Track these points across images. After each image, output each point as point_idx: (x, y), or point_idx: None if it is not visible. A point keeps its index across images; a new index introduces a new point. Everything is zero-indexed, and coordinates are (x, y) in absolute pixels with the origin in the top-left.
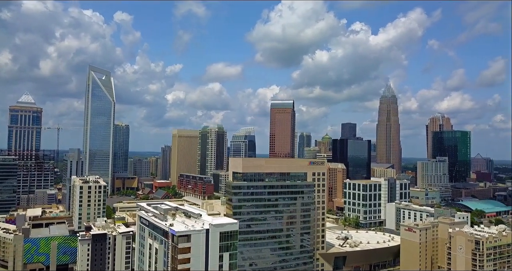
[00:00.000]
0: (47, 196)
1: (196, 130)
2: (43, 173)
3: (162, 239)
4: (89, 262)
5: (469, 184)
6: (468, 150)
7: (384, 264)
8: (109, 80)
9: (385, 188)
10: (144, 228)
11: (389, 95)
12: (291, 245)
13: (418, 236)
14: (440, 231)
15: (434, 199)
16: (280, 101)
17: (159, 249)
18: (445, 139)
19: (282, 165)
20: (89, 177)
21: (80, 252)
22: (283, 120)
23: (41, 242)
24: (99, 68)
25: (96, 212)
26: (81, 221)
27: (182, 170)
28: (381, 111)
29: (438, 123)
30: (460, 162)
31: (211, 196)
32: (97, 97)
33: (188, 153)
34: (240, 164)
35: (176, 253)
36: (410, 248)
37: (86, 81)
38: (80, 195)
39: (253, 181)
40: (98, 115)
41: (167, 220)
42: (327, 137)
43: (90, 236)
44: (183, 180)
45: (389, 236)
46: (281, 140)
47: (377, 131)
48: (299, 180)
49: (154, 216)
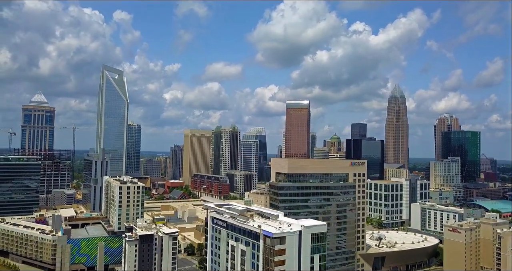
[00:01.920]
0: (66, 196)
1: (209, 130)
2: (60, 173)
3: (248, 240)
4: (136, 263)
5: (480, 184)
6: (478, 150)
7: (420, 264)
8: (121, 79)
9: (407, 188)
10: (218, 229)
11: (398, 96)
12: (333, 245)
13: (464, 237)
14: (482, 231)
15: (447, 199)
16: (295, 101)
17: (247, 251)
18: (455, 139)
19: (325, 166)
20: (124, 177)
21: (128, 253)
22: (299, 120)
23: (82, 243)
24: (112, 67)
25: (135, 212)
26: (120, 222)
27: (194, 170)
28: (390, 111)
29: (447, 123)
30: (470, 162)
31: (227, 195)
32: (111, 97)
33: (201, 153)
34: (285, 165)
35: (272, 255)
36: (455, 248)
37: (100, 81)
38: (119, 195)
39: (297, 182)
40: (112, 115)
41: (250, 222)
42: (335, 137)
43: (137, 236)
44: (197, 180)
45: (421, 236)
46: (297, 140)
47: (385, 131)
48: (341, 181)
49: (231, 217)
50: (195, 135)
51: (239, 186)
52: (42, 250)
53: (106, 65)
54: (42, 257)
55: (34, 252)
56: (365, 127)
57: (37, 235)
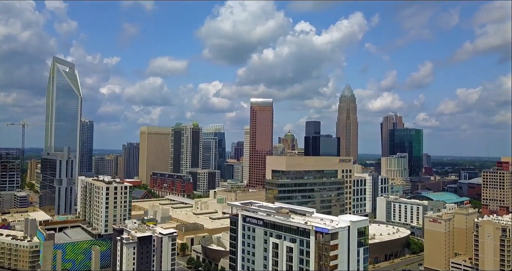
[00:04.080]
0: (19, 199)
1: (167, 127)
2: (8, 174)
3: (294, 237)
4: (134, 266)
5: (423, 178)
6: (421, 146)
7: (396, 254)
8: (73, 73)
9: (370, 183)
10: (252, 227)
11: (349, 95)
12: None
13: (443, 226)
14: (456, 221)
15: (398, 192)
16: (260, 99)
17: (294, 248)
18: (401, 136)
19: (318, 163)
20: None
21: (126, 255)
22: (264, 118)
23: (67, 248)
24: (63, 60)
25: (122, 213)
26: (107, 224)
27: (152, 168)
28: (341, 110)
29: (392, 121)
30: (415, 157)
31: (190, 194)
32: (63, 91)
33: (159, 151)
34: (283, 162)
35: (328, 250)
36: (435, 237)
37: (50, 74)
38: (106, 196)
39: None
40: (63, 111)
41: (294, 219)
42: (289, 134)
43: (135, 238)
44: (157, 179)
45: (393, 227)
46: (262, 137)
47: (337, 128)
48: (332, 177)
49: (268, 214)
50: (153, 132)
51: (202, 184)
52: (17, 257)
53: (56, 57)
54: (17, 265)
55: (6, 260)
56: (319, 125)
57: (9, 241)
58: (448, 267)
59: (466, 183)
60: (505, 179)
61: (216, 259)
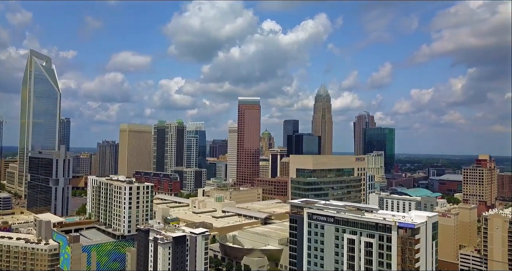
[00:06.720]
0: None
1: (149, 125)
2: None
3: (372, 233)
4: (170, 266)
5: (396, 175)
6: (393, 145)
7: None
8: (50, 67)
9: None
10: (321, 224)
11: (324, 94)
12: None
13: (453, 220)
14: (461, 215)
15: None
16: (248, 98)
17: (374, 243)
18: (375, 134)
19: (339, 162)
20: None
21: (162, 256)
22: (252, 116)
23: (92, 250)
24: (39, 53)
25: (145, 214)
26: (130, 225)
27: (132, 166)
28: (317, 109)
29: (365, 121)
30: (388, 155)
31: (177, 193)
32: (40, 87)
33: (141, 149)
34: (310, 161)
35: (413, 244)
36: (445, 231)
37: (27, 68)
38: (129, 196)
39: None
40: (41, 108)
41: (364, 214)
42: (266, 133)
43: (170, 239)
44: (140, 178)
45: None
46: (250, 136)
47: (312, 127)
48: (350, 175)
49: (337, 211)
50: (134, 130)
51: (189, 183)
52: (33, 261)
53: (33, 50)
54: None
55: (21, 265)
56: (298, 123)
57: (24, 245)
58: (457, 258)
59: (437, 180)
60: (484, 176)
61: (238, 257)
